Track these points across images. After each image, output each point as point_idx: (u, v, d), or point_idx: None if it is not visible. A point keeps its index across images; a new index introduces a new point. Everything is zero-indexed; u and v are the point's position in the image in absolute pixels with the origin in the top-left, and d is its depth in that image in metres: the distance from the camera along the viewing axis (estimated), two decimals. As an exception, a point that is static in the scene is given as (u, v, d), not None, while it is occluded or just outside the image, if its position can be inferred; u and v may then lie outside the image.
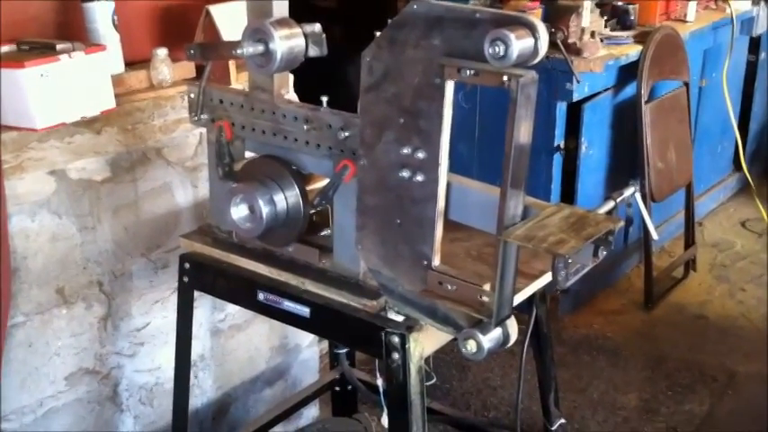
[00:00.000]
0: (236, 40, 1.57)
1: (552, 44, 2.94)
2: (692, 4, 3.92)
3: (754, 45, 4.58)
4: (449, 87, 1.36)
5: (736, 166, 4.68)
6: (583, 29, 3.28)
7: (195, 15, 2.23)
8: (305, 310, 1.66)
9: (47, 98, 1.87)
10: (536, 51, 1.29)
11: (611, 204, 1.61)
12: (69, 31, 2.08)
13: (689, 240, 3.95)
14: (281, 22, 1.55)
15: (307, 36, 1.57)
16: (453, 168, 1.50)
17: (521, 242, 1.34)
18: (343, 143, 1.54)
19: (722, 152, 4.62)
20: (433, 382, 1.82)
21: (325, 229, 1.70)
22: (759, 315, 3.59)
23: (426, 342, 1.56)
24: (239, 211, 1.66)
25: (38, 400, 2.05)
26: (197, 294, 1.92)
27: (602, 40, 3.39)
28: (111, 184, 2.07)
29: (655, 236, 2.29)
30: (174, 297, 2.00)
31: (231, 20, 2.16)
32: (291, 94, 2.25)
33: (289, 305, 1.68)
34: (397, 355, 1.54)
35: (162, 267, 2.23)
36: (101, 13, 2.07)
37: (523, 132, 1.32)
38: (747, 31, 4.39)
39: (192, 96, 1.76)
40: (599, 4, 3.63)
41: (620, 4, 3.73)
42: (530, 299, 1.65)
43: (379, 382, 1.87)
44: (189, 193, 2.26)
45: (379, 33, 1.42)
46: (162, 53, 2.18)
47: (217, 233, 1.82)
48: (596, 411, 2.98)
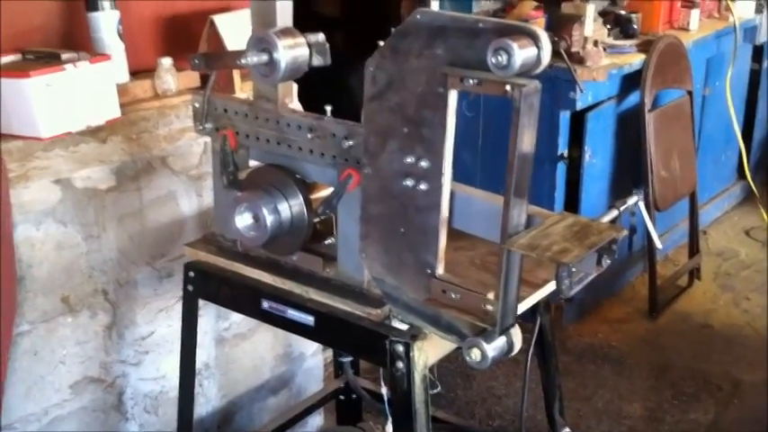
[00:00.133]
0: (240, 49, 1.57)
1: (555, 53, 2.95)
2: (694, 13, 3.92)
3: (758, 53, 4.58)
4: (452, 96, 1.36)
5: (740, 174, 4.67)
6: (586, 38, 3.29)
7: (199, 25, 2.24)
8: (309, 319, 1.66)
9: (52, 107, 1.88)
10: (539, 61, 1.29)
11: (614, 213, 1.61)
12: (74, 40, 2.09)
13: (693, 249, 3.94)
14: (284, 32, 1.55)
15: (310, 45, 1.57)
16: (457, 177, 1.50)
17: (524, 251, 1.35)
18: (347, 152, 1.54)
19: (726, 161, 4.61)
20: (438, 390, 1.82)
21: (329, 237, 1.70)
22: (764, 324, 3.58)
23: (430, 351, 1.56)
24: (244, 220, 1.66)
25: (43, 409, 2.05)
26: (201, 303, 1.92)
27: (605, 49, 3.39)
28: (116, 192, 2.08)
29: (658, 245, 2.28)
30: (179, 306, 2.01)
31: (235, 30, 2.17)
32: (295, 104, 2.26)
33: (293, 314, 1.68)
34: (401, 364, 1.54)
35: (167, 276, 2.24)
36: (106, 22, 2.08)
37: (526, 141, 1.32)
38: (750, 40, 4.40)
39: (197, 105, 1.76)
40: (602, 13, 3.64)
41: (623, 12, 3.73)
42: (534, 308, 1.65)
43: (384, 390, 1.87)
44: (193, 201, 2.26)
45: (382, 43, 1.43)
46: (167, 63, 2.19)
47: (221, 242, 1.83)
48: (601, 420, 2.97)
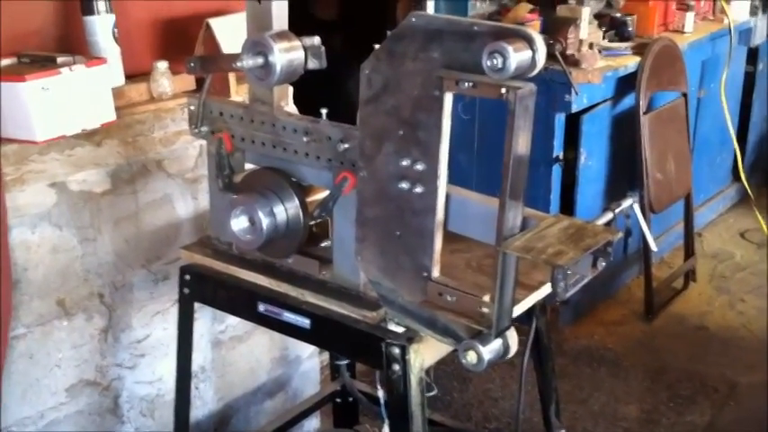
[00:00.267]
0: (235, 52, 1.58)
1: (551, 56, 2.96)
2: (689, 15, 3.93)
3: (752, 56, 4.60)
4: (447, 99, 1.37)
5: (735, 176, 4.68)
6: (581, 40, 3.30)
7: (195, 28, 2.24)
8: (305, 322, 1.66)
9: (47, 111, 1.88)
10: (534, 64, 1.30)
11: (609, 215, 1.61)
12: (70, 44, 2.09)
13: (688, 251, 3.95)
14: (280, 35, 1.56)
15: (306, 49, 1.58)
16: (453, 180, 1.51)
17: (520, 253, 1.35)
18: (343, 155, 1.55)
19: (721, 163, 4.62)
20: (434, 393, 1.82)
21: (325, 240, 1.70)
22: (759, 326, 3.59)
23: (427, 353, 1.56)
24: (239, 223, 1.66)
25: (39, 412, 2.05)
26: (197, 306, 1.92)
27: (600, 52, 3.40)
28: (112, 195, 2.08)
29: (654, 247, 2.29)
30: (175, 309, 2.01)
31: (231, 33, 2.17)
32: (291, 107, 2.26)
33: (289, 316, 1.68)
34: (397, 367, 1.54)
35: (162, 279, 2.24)
36: (101, 26, 2.08)
37: (522, 144, 1.33)
38: (745, 42, 4.41)
39: (193, 109, 1.76)
40: (597, 16, 3.64)
41: (618, 15, 3.74)
42: (530, 310, 1.65)
43: (380, 393, 1.87)
44: (189, 204, 2.26)
45: (378, 46, 1.43)
46: (162, 66, 2.19)
47: (217, 245, 1.83)
48: (597, 423, 2.98)
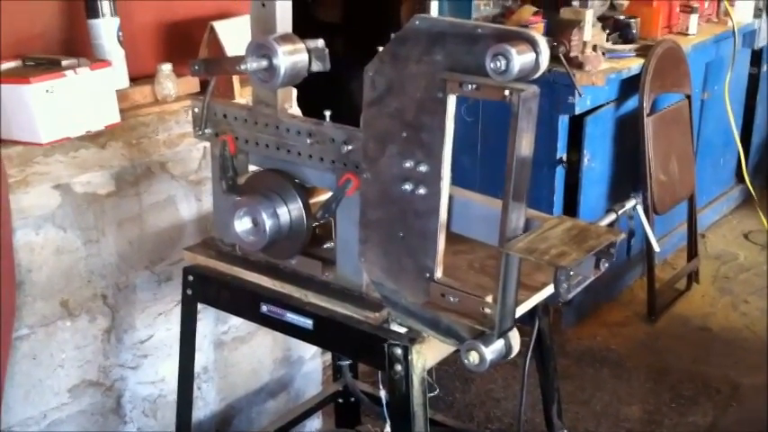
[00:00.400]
0: (239, 55, 1.58)
1: (554, 58, 2.96)
2: (693, 18, 3.93)
3: (756, 58, 4.60)
4: (451, 101, 1.37)
5: (739, 178, 4.69)
6: (585, 42, 3.30)
7: (199, 31, 2.24)
8: (308, 322, 1.67)
9: (52, 113, 1.89)
10: (537, 66, 1.30)
11: (612, 217, 1.62)
12: (75, 47, 2.10)
13: (692, 252, 3.95)
14: (284, 38, 1.56)
15: (310, 51, 1.58)
16: (456, 181, 1.51)
17: (522, 254, 1.35)
18: (346, 157, 1.55)
19: (724, 164, 4.62)
20: (436, 393, 1.83)
21: (328, 241, 1.71)
22: (763, 327, 3.58)
23: (429, 354, 1.57)
24: (243, 225, 1.67)
25: (42, 412, 2.05)
26: (200, 307, 1.93)
27: (603, 54, 3.40)
28: (116, 197, 2.08)
29: (656, 248, 2.29)
30: (178, 309, 2.01)
31: (235, 35, 2.17)
32: (295, 109, 2.27)
33: (292, 317, 1.69)
34: (399, 367, 1.54)
35: (166, 280, 2.24)
36: (106, 29, 2.09)
37: (525, 145, 1.33)
38: (749, 44, 4.41)
39: (196, 111, 1.77)
40: (601, 18, 3.64)
41: (621, 17, 3.74)
42: (532, 311, 1.65)
43: (382, 393, 1.87)
44: (193, 206, 2.27)
45: (381, 48, 1.44)
46: (166, 68, 2.19)
47: (220, 246, 1.83)
48: (600, 423, 2.97)
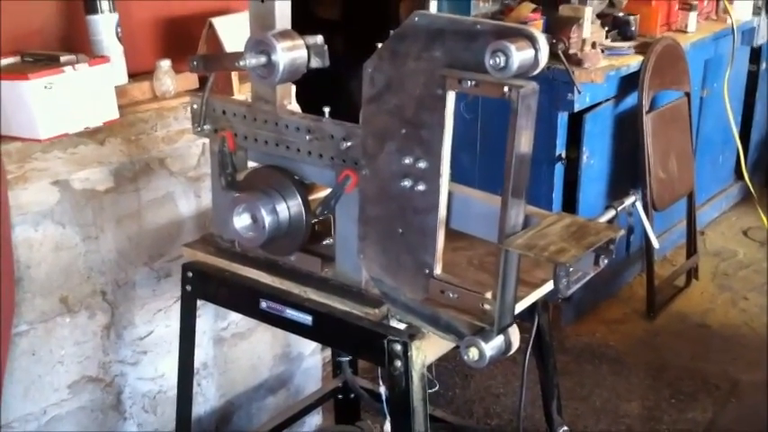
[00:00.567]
0: (238, 51, 1.58)
1: (553, 55, 2.95)
2: (692, 15, 3.93)
3: (755, 55, 4.60)
4: (450, 98, 1.37)
5: (738, 175, 4.68)
6: (584, 40, 3.30)
7: (198, 27, 2.24)
8: (307, 319, 1.67)
9: (51, 109, 1.89)
10: (536, 62, 1.30)
11: (611, 213, 1.62)
12: (73, 43, 2.10)
13: (691, 249, 3.95)
14: (283, 34, 1.56)
15: (309, 47, 1.58)
16: (455, 178, 1.51)
17: (522, 251, 1.35)
18: (346, 153, 1.55)
19: (724, 161, 4.62)
20: (436, 389, 1.83)
21: (327, 238, 1.71)
22: (761, 323, 3.59)
23: (429, 350, 1.57)
24: (242, 221, 1.67)
25: (41, 409, 2.05)
26: (200, 303, 1.93)
27: (603, 51, 3.40)
28: (115, 193, 2.08)
29: (656, 244, 2.29)
30: (177, 306, 2.01)
31: (234, 32, 2.17)
32: (294, 105, 2.27)
33: (291, 313, 1.69)
34: (399, 363, 1.54)
35: (165, 276, 2.24)
36: (105, 25, 2.09)
37: (524, 142, 1.33)
38: (748, 42, 4.40)
39: (195, 107, 1.77)
40: (600, 15, 3.64)
41: (620, 14, 3.74)
42: (532, 307, 1.65)
43: (382, 389, 1.88)
44: (192, 202, 2.27)
45: (380, 45, 1.43)
46: (165, 65, 2.19)
47: (219, 242, 1.83)
48: (599, 419, 2.98)
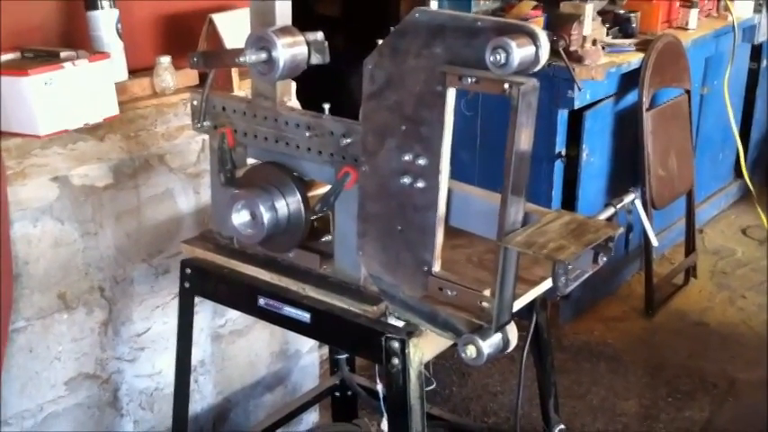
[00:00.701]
0: (239, 48, 1.58)
1: (554, 52, 2.95)
2: (693, 12, 3.93)
3: (756, 53, 4.60)
4: (450, 95, 1.37)
5: (738, 173, 4.69)
6: (584, 37, 3.30)
7: (198, 24, 2.24)
8: (305, 316, 1.67)
9: (50, 105, 1.88)
10: (537, 59, 1.30)
11: (611, 211, 1.62)
12: (73, 39, 2.09)
13: (690, 247, 3.95)
14: (283, 31, 1.56)
15: (309, 44, 1.58)
16: (455, 175, 1.51)
17: (521, 248, 1.35)
18: (345, 150, 1.55)
19: (723, 159, 4.62)
20: (433, 387, 1.83)
21: (326, 235, 1.71)
22: (760, 322, 3.59)
23: (426, 347, 1.57)
24: (241, 218, 1.67)
25: (38, 405, 2.05)
26: (198, 300, 1.92)
27: (603, 48, 3.40)
28: (114, 190, 2.08)
29: (655, 242, 2.29)
30: (175, 302, 2.01)
31: (234, 28, 2.17)
32: (294, 102, 2.27)
33: (289, 311, 1.69)
34: (396, 361, 1.54)
35: (163, 273, 2.24)
36: (105, 21, 2.08)
37: (524, 139, 1.33)
38: (749, 39, 4.40)
39: (195, 104, 1.76)
40: (601, 12, 3.64)
41: (621, 12, 3.74)
42: (530, 305, 1.65)
43: (379, 387, 1.87)
44: (191, 199, 2.27)
45: (381, 41, 1.43)
46: (165, 61, 2.19)
47: (218, 239, 1.83)
48: (596, 417, 2.98)
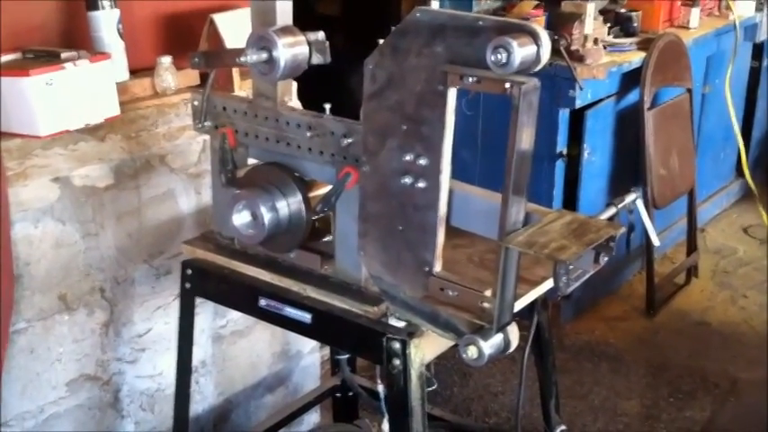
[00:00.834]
0: (239, 48, 1.58)
1: (555, 51, 2.95)
2: (695, 11, 3.92)
3: (757, 51, 4.59)
4: (451, 94, 1.37)
5: (739, 172, 4.68)
6: (586, 36, 3.29)
7: (199, 24, 2.24)
8: (306, 317, 1.66)
9: (51, 106, 1.88)
10: (538, 59, 1.30)
11: (612, 211, 1.61)
12: (75, 39, 2.09)
13: (691, 247, 3.95)
14: (284, 30, 1.55)
15: (310, 44, 1.57)
16: (456, 175, 1.51)
17: (522, 248, 1.35)
18: (346, 150, 1.55)
19: (725, 158, 4.62)
20: (434, 387, 1.83)
21: (327, 235, 1.70)
22: (761, 321, 3.59)
23: (427, 348, 1.56)
24: (242, 218, 1.66)
25: (39, 406, 2.05)
26: (199, 300, 1.92)
27: (605, 47, 3.40)
28: (115, 190, 2.08)
29: (656, 242, 2.28)
30: (176, 303, 2.01)
31: (235, 28, 2.17)
32: (295, 102, 2.26)
33: (290, 311, 1.68)
34: (398, 361, 1.54)
35: (164, 274, 2.24)
36: (106, 21, 2.08)
37: (525, 139, 1.33)
38: (750, 38, 4.40)
39: (196, 104, 1.76)
40: (602, 12, 3.64)
41: (623, 11, 3.74)
42: (531, 305, 1.65)
43: (380, 388, 1.87)
44: (192, 199, 2.26)
45: (382, 41, 1.43)
46: (166, 61, 2.19)
47: (219, 239, 1.83)
48: (597, 418, 2.98)
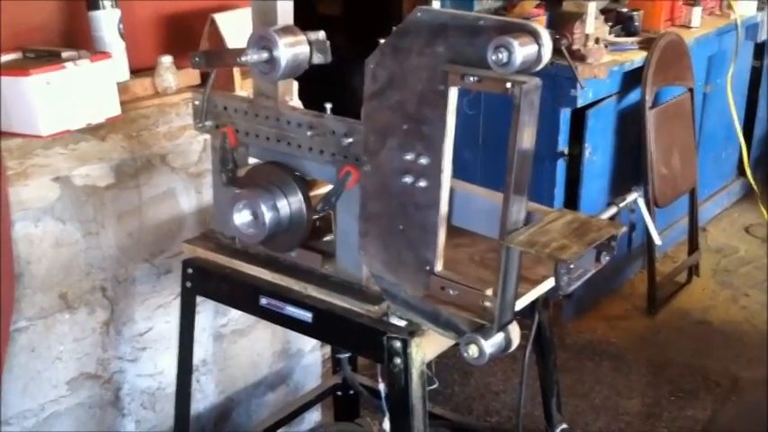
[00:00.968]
0: (240, 47, 1.58)
1: (556, 50, 2.94)
2: (696, 10, 3.92)
3: (759, 51, 4.59)
4: (452, 94, 1.37)
5: (740, 171, 4.68)
6: (587, 35, 3.29)
7: (200, 23, 2.24)
8: (307, 315, 1.66)
9: (52, 105, 1.88)
10: (539, 58, 1.30)
11: (613, 210, 1.61)
12: (75, 39, 2.09)
13: (692, 246, 3.94)
14: (285, 30, 1.55)
15: (311, 43, 1.57)
16: (457, 174, 1.51)
17: (523, 247, 1.35)
18: (347, 149, 1.55)
19: (726, 158, 4.62)
20: (435, 386, 1.83)
21: (328, 234, 1.70)
22: (763, 320, 3.59)
23: (428, 347, 1.57)
24: (242, 217, 1.66)
25: (40, 405, 2.05)
26: (200, 299, 1.92)
27: (606, 47, 3.39)
28: (116, 190, 2.08)
29: (658, 241, 2.27)
30: (177, 302, 2.01)
31: (236, 28, 2.17)
32: (295, 101, 2.26)
33: (291, 310, 1.69)
34: (399, 360, 1.54)
35: (165, 273, 2.24)
36: (107, 21, 2.08)
37: (526, 138, 1.33)
38: (752, 37, 4.40)
39: (197, 103, 1.76)
40: (603, 11, 3.63)
41: (624, 10, 3.73)
42: (532, 304, 1.65)
43: (381, 386, 1.87)
44: (192, 198, 2.26)
45: (383, 41, 1.43)
46: (167, 61, 2.19)
47: (220, 239, 1.83)
48: (599, 416, 2.98)
